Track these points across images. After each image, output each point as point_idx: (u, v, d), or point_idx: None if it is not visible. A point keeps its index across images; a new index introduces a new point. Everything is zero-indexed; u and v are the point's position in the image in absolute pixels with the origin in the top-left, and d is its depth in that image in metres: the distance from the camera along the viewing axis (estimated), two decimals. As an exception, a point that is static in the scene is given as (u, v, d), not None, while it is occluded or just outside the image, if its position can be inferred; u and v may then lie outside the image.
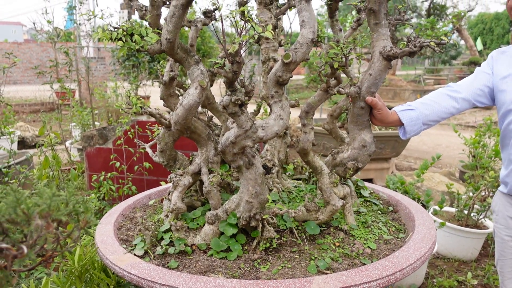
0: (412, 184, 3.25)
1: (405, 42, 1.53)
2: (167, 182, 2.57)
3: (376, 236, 1.67)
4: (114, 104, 6.25)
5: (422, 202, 3.10)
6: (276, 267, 1.43)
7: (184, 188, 1.74)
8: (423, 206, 2.65)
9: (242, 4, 1.96)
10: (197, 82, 1.47)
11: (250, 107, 1.48)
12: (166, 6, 1.62)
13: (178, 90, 1.91)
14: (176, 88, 1.83)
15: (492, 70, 1.68)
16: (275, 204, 1.82)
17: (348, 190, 1.77)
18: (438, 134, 8.34)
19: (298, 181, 2.22)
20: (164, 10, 1.63)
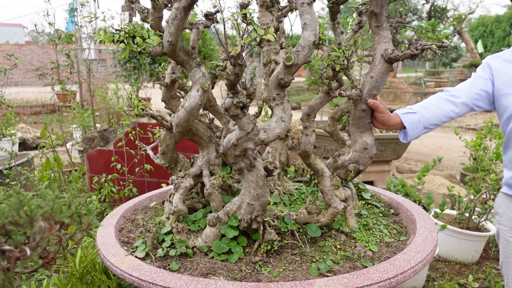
0: (413, 186, 3.25)
1: (406, 45, 1.53)
2: (168, 184, 2.57)
3: (377, 238, 1.67)
4: (115, 106, 6.25)
5: (423, 205, 3.09)
6: (277, 270, 1.43)
7: (185, 190, 1.75)
8: (424, 209, 2.64)
9: (243, 6, 1.97)
10: (198, 84, 1.47)
11: (251, 109, 1.48)
12: (168, 9, 1.63)
13: (180, 92, 1.91)
14: (177, 90, 1.83)
15: (489, 76, 1.67)
16: (277, 206, 1.82)
17: (349, 192, 1.77)
18: (439, 137, 8.33)
19: (299, 183, 2.21)
20: (165, 12, 1.63)
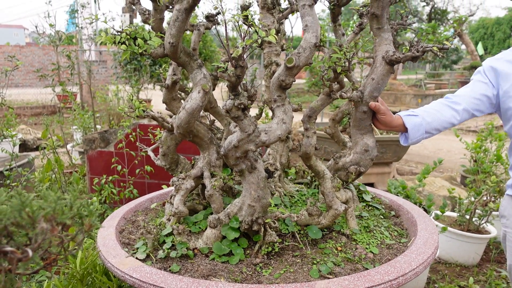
0: (413, 188, 3.25)
1: (407, 47, 1.53)
2: (169, 186, 2.57)
3: (378, 240, 1.67)
4: (116, 107, 6.25)
5: (423, 207, 3.09)
6: (278, 272, 1.43)
7: (186, 191, 1.74)
8: (425, 211, 2.64)
9: (244, 8, 1.97)
10: (200, 86, 1.47)
11: (252, 111, 1.48)
12: (169, 10, 1.63)
13: (180, 93, 1.91)
14: (178, 91, 1.83)
15: (491, 79, 1.66)
16: (277, 208, 1.82)
17: (350, 194, 1.77)
18: (439, 139, 8.33)
19: (300, 185, 2.21)
20: (166, 14, 1.64)
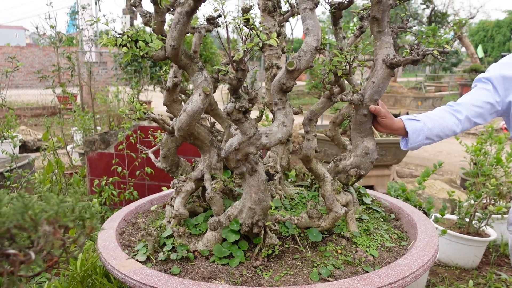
0: (413, 191, 3.25)
1: (408, 50, 1.54)
2: (169, 188, 2.57)
3: (378, 243, 1.67)
4: (116, 108, 6.26)
5: (423, 210, 3.09)
6: (278, 274, 1.43)
7: (186, 194, 1.75)
8: (425, 214, 2.64)
9: (246, 11, 1.97)
10: (200, 88, 1.48)
11: (252, 114, 1.48)
12: (170, 13, 1.63)
13: (181, 96, 1.91)
14: (179, 94, 1.84)
15: (497, 86, 1.66)
16: (278, 210, 1.82)
17: (350, 197, 1.77)
18: (439, 141, 8.33)
19: (300, 187, 2.22)
20: (168, 16, 1.64)
